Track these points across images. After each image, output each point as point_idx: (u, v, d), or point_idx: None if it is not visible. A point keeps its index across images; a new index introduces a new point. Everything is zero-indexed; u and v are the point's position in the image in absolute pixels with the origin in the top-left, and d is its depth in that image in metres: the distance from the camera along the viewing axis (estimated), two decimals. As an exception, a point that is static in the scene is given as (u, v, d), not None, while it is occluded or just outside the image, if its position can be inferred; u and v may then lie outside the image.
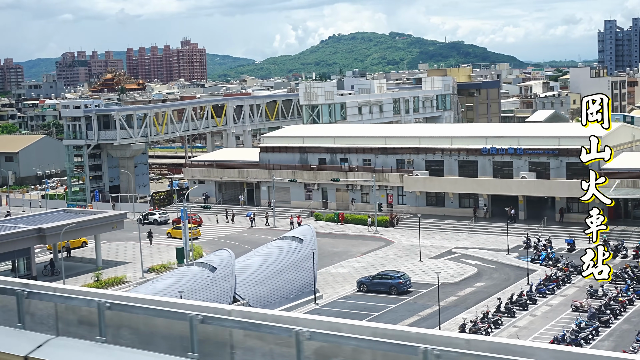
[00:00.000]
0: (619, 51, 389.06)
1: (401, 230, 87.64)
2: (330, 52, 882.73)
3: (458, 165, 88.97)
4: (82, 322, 10.79)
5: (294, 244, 64.71)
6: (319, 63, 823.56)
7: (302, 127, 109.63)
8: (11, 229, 72.07)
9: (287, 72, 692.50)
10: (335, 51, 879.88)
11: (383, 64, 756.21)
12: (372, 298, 64.26)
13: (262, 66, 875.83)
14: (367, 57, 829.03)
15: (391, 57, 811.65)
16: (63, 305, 10.98)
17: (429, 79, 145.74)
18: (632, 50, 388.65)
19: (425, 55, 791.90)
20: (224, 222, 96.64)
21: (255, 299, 59.44)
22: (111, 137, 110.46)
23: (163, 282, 55.62)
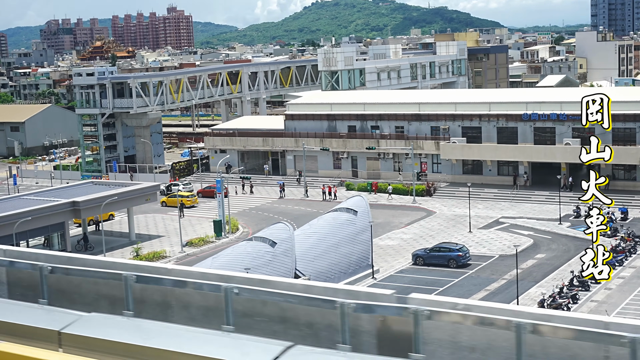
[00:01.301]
0: (612, 15, 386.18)
1: (440, 200, 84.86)
2: (313, 18, 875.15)
3: (497, 131, 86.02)
4: None
5: (348, 216, 61.76)
6: (302, 30, 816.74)
7: (330, 94, 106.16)
8: (43, 202, 68.66)
9: (271, 39, 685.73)
10: (319, 17, 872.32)
11: (367, 30, 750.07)
12: (430, 272, 61.56)
13: (244, 33, 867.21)
14: (351, 24, 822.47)
15: (375, 23, 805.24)
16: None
17: (443, 44, 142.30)
18: (625, 15, 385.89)
19: (409, 21, 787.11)
20: (241, 193, 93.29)
21: (315, 274, 56.54)
22: (127, 106, 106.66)
23: (225, 259, 52.59)
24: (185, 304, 8.47)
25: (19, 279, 9.24)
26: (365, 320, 7.32)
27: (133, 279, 8.45)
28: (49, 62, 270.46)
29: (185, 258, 68.72)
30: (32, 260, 9.14)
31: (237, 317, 7.90)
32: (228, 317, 7.99)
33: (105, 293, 8.76)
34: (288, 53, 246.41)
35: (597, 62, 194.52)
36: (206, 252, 70.63)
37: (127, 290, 8.40)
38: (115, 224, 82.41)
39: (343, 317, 7.26)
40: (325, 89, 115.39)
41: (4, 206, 68.06)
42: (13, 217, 63.29)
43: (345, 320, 7.22)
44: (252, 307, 7.89)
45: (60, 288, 8.82)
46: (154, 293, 8.49)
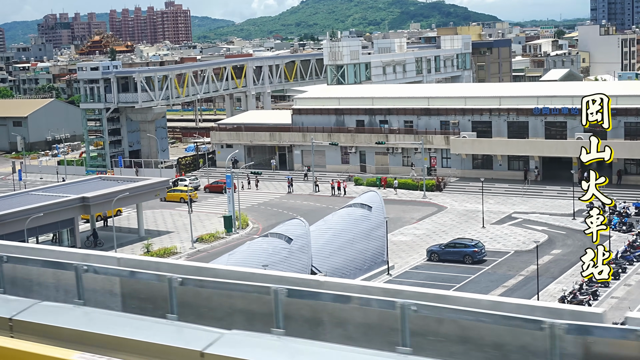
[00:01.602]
0: (611, 9, 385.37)
1: (450, 195, 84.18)
2: (310, 12, 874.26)
3: (507, 126, 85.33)
4: None
5: (363, 211, 61.05)
6: (299, 24, 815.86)
7: (337, 88, 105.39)
8: (52, 198, 67.89)
9: (268, 34, 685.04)
10: (316, 12, 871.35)
11: (364, 24, 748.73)
12: (446, 268, 60.97)
13: (242, 27, 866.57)
14: (348, 18, 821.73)
15: (372, 17, 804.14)
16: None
17: (448, 38, 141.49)
18: (624, 9, 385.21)
19: (407, 16, 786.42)
20: (247, 188, 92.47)
21: (331, 270, 55.85)
22: (132, 100, 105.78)
23: (241, 255, 51.86)
24: (341, 321, 7.68)
25: (141, 291, 8.50)
26: (575, 343, 6.41)
27: (284, 293, 7.64)
28: (48, 57, 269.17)
29: (196, 254, 68.08)
30: (155, 270, 8.47)
31: (412, 337, 7.11)
32: (404, 337, 7.24)
33: (244, 308, 7.98)
34: (289, 47, 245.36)
35: (599, 56, 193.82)
36: (217, 248, 70.03)
37: (277, 306, 7.61)
38: (123, 220, 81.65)
39: (553, 340, 6.39)
40: (330, 83, 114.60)
41: (12, 202, 67.32)
42: (23, 213, 62.55)
43: (556, 344, 6.35)
44: (427, 325, 7.08)
45: (189, 301, 8.09)
46: (303, 308, 7.72)
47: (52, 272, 9.46)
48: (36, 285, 9.66)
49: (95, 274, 8.90)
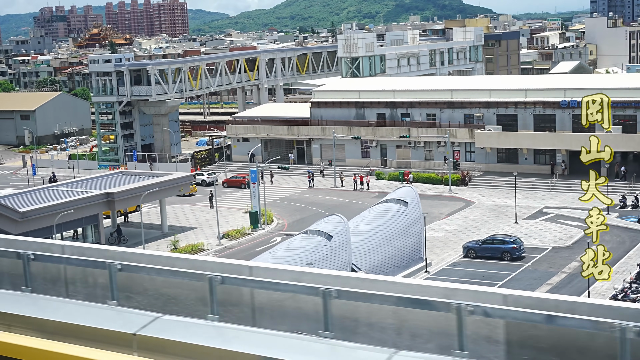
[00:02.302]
0: (612, 2, 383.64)
1: (475, 190, 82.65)
2: (305, 5, 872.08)
3: (533, 119, 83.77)
4: None
5: (399, 207, 59.36)
6: (294, 17, 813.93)
7: (357, 81, 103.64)
8: (76, 194, 66.15)
9: (263, 27, 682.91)
10: (311, 5, 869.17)
11: (359, 17, 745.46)
12: (484, 264, 59.45)
13: (236, 20, 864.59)
14: (343, 11, 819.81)
15: (367, 10, 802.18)
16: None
17: (460, 30, 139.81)
18: (624, 2, 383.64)
19: (401, 9, 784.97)
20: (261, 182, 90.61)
21: (370, 268, 54.28)
22: (145, 93, 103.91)
23: (283, 253, 50.25)
24: None
25: None
26: None
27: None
28: (48, 50, 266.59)
29: (224, 251, 66.44)
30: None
31: None
32: None
33: None
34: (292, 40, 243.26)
35: (607, 49, 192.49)
36: (244, 244, 68.48)
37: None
38: (143, 215, 79.74)
39: None
40: (345, 75, 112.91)
41: (36, 198, 65.64)
42: (50, 209, 60.87)
43: None
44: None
45: None
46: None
47: None
48: None
49: None
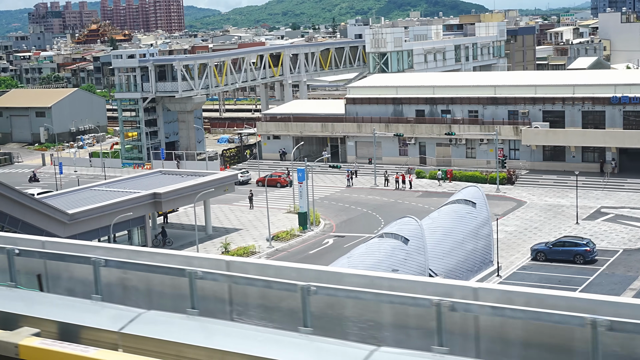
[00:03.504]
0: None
1: (523, 188, 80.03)
2: (297, 2, 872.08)
3: (581, 116, 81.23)
4: None
5: (468, 208, 56.78)
6: (286, 13, 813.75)
7: (394, 76, 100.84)
8: (120, 195, 63.26)
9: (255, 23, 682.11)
10: (302, 1, 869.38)
11: (351, 13, 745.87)
12: (556, 268, 56.87)
13: (228, 17, 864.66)
14: (335, 7, 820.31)
15: (359, 6, 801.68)
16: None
17: (483, 25, 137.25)
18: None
19: (394, 5, 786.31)
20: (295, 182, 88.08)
21: (445, 272, 51.62)
22: (171, 89, 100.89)
23: (362, 258, 47.51)
24: None
25: None
26: None
27: None
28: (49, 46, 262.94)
29: (276, 254, 63.64)
30: None
31: None
32: None
33: None
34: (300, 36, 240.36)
35: (620, 44, 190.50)
36: (295, 246, 65.74)
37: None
38: (182, 216, 77.04)
39: None
40: (373, 71, 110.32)
41: (77, 199, 62.79)
42: (98, 210, 58.08)
43: None
44: None
45: None
46: None
47: None
48: None
49: None
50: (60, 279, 7.95)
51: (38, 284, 7.87)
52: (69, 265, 7.75)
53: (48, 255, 7.65)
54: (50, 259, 7.68)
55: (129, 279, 7.50)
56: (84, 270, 7.58)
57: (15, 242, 8.14)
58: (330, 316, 7.02)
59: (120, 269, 7.42)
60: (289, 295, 7.00)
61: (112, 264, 7.26)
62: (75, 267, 7.75)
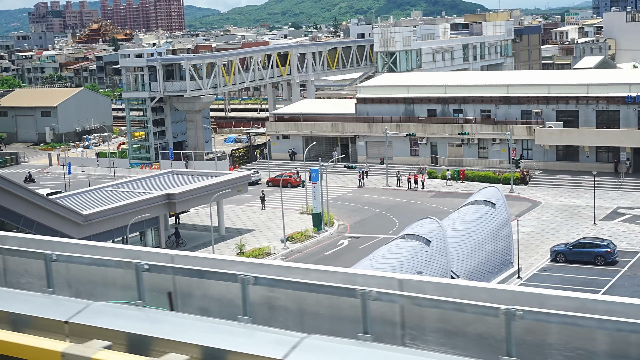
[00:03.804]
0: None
1: (537, 189, 79.33)
2: (296, 1, 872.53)
3: (595, 115, 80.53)
4: None
5: (487, 209, 56.11)
6: (285, 13, 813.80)
7: (405, 76, 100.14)
8: (134, 195, 62.53)
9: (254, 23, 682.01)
10: (302, 0, 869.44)
11: (351, 13, 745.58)
12: (577, 270, 56.14)
13: (227, 16, 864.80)
14: (335, 7, 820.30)
15: (358, 6, 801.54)
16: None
17: (490, 24, 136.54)
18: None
19: (393, 4, 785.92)
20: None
21: (467, 274, 50.94)
22: (179, 89, 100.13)
23: (385, 260, 46.78)
24: None
25: None
26: None
27: None
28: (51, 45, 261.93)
29: (291, 255, 62.93)
30: None
31: None
32: None
33: None
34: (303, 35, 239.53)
35: (625, 43, 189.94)
36: (310, 247, 64.99)
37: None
38: (193, 217, 76.31)
39: None
40: (381, 70, 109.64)
41: (90, 199, 62.04)
42: (112, 211, 57.36)
43: None
44: None
45: None
46: None
47: None
48: None
49: None
50: (192, 297, 7.20)
51: (169, 302, 7.13)
52: (204, 282, 7.00)
53: (184, 272, 6.90)
54: (186, 275, 6.93)
55: (278, 298, 6.74)
56: (226, 288, 6.82)
57: (139, 255, 7.38)
58: (530, 343, 6.29)
59: (271, 287, 6.66)
60: (483, 319, 6.26)
61: (263, 282, 6.49)
62: (214, 285, 6.99)
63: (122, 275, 7.21)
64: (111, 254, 7.41)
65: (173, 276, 7.13)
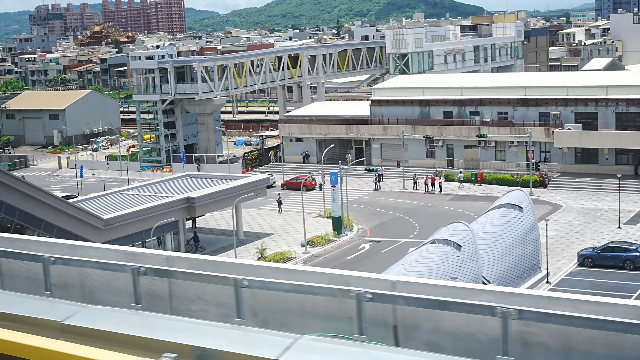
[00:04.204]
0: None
1: (557, 192, 78.40)
2: (296, 3, 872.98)
3: (615, 117, 79.63)
4: None
5: (515, 212, 55.23)
6: (285, 15, 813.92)
7: (421, 77, 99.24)
8: (153, 199, 61.59)
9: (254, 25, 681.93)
10: (302, 3, 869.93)
11: (350, 15, 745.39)
12: (606, 274, 55.25)
13: (227, 19, 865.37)
14: (334, 9, 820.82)
15: (358, 8, 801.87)
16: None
17: (500, 26, 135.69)
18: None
19: (393, 7, 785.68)
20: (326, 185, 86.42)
21: (497, 279, 49.99)
22: (191, 91, 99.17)
23: (416, 265, 45.86)
24: None
25: None
26: None
27: None
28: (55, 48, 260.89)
29: (312, 259, 61.93)
30: None
31: None
32: None
33: None
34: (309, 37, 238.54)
35: (632, 45, 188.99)
36: (330, 252, 64.03)
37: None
38: (210, 221, 75.32)
39: None
40: (393, 72, 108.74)
41: (108, 203, 61.07)
42: (132, 215, 56.43)
43: None
44: None
45: None
46: None
47: None
48: None
49: None
50: (419, 330, 6.14)
51: (394, 338, 6.11)
52: (436, 313, 5.97)
53: (414, 302, 5.84)
54: (416, 306, 5.89)
55: (537, 333, 5.72)
56: (473, 323, 5.79)
57: (348, 281, 6.30)
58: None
59: (533, 322, 5.65)
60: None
61: (528, 316, 5.45)
62: (450, 317, 5.94)
63: (327, 304, 6.21)
64: (314, 279, 6.40)
65: (395, 306, 6.10)
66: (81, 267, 7.32)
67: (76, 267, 7.37)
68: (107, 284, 7.31)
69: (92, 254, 7.45)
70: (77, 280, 7.47)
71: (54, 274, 7.27)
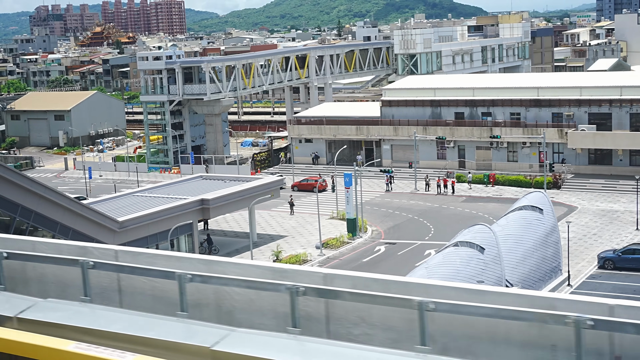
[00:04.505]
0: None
1: (571, 193, 77.66)
2: (295, 4, 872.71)
3: (629, 118, 78.96)
4: None
5: (535, 214, 54.58)
6: (284, 16, 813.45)
7: (432, 78, 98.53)
8: (167, 201, 60.82)
9: (253, 26, 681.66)
10: (301, 4, 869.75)
11: (349, 16, 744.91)
12: (627, 277, 54.67)
13: (226, 19, 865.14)
14: (333, 10, 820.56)
15: (357, 9, 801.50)
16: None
17: (507, 26, 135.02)
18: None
19: (392, 7, 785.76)
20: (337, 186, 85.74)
21: (519, 282, 49.31)
22: (199, 92, 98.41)
23: (440, 268, 45.13)
24: None
25: None
26: None
27: None
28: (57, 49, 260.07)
29: (328, 262, 61.20)
30: None
31: None
32: None
33: None
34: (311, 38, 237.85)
35: (637, 45, 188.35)
36: (346, 254, 63.29)
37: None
38: (222, 223, 74.55)
39: None
40: (402, 73, 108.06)
41: (121, 205, 60.33)
42: (147, 217, 55.71)
43: None
44: None
45: None
46: None
47: None
48: None
49: None
50: None
51: None
52: None
53: None
54: None
55: None
56: None
57: (554, 304, 5.42)
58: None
59: None
60: None
61: None
62: None
63: (525, 330, 5.42)
64: (510, 301, 5.62)
65: (621, 334, 5.29)
66: (224, 285, 6.59)
67: (215, 286, 6.65)
68: (250, 304, 6.57)
69: (232, 270, 6.72)
70: (212, 300, 6.75)
71: (190, 293, 6.56)
